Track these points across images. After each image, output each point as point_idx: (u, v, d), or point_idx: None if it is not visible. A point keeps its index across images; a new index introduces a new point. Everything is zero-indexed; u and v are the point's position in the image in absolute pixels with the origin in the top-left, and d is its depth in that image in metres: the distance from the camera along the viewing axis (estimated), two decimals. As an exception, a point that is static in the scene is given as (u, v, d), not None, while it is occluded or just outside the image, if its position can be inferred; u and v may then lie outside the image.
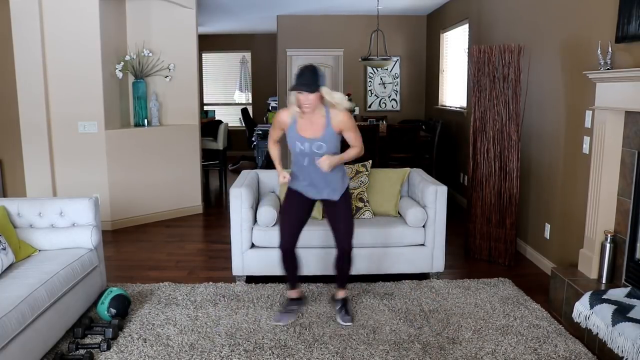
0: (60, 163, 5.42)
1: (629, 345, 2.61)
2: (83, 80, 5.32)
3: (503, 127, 4.46)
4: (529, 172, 4.69)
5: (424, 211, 3.99)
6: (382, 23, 7.80)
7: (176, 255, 4.80)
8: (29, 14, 5.14)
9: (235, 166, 10.00)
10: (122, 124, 5.88)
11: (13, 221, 3.48)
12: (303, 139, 3.08)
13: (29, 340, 2.68)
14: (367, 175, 4.27)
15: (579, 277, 3.50)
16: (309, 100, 2.92)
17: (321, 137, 3.05)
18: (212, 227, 5.83)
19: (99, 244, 3.62)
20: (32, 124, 5.30)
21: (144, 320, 3.39)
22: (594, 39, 3.55)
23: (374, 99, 9.08)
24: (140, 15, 5.95)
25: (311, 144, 3.06)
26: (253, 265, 4.00)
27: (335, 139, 3.07)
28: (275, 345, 3.10)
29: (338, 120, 3.03)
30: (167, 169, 5.94)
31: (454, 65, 7.40)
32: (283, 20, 8.84)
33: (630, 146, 3.26)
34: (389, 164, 6.56)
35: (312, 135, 3.06)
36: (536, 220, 4.58)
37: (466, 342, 3.13)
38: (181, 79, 6.09)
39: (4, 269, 2.98)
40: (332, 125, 3.03)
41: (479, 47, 4.52)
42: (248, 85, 11.82)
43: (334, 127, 3.03)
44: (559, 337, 3.18)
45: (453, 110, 7.15)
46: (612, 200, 3.41)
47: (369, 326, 3.33)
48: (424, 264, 4.06)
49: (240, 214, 3.93)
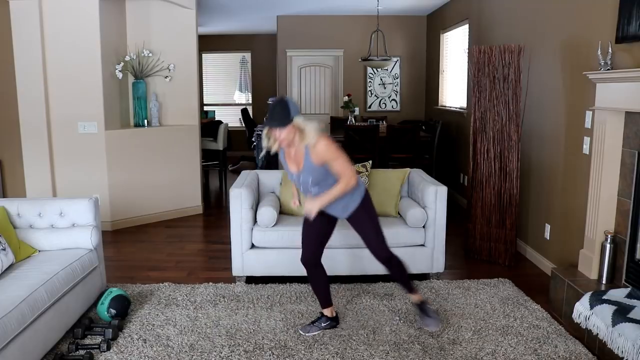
0: (60, 163, 5.42)
1: (629, 346, 2.61)
2: (83, 81, 5.32)
3: (503, 127, 4.46)
4: (529, 173, 4.69)
5: (424, 212, 3.98)
6: (382, 23, 7.80)
7: (176, 256, 4.80)
8: (29, 14, 5.14)
9: (235, 166, 10.00)
10: (122, 124, 5.88)
11: (13, 221, 3.47)
12: (291, 173, 3.03)
13: (29, 340, 2.67)
14: (367, 175, 4.27)
15: (579, 277, 3.50)
16: (283, 136, 2.83)
17: (304, 169, 2.95)
18: (212, 228, 5.83)
19: (99, 245, 3.62)
20: (32, 124, 5.30)
21: (144, 321, 3.39)
22: (594, 40, 3.55)
23: (374, 99, 9.08)
24: (140, 16, 5.95)
25: (298, 176, 3.00)
26: (253, 266, 4.00)
27: (318, 171, 2.92)
28: (275, 345, 3.09)
29: (316, 153, 2.87)
30: (167, 169, 5.94)
31: (454, 65, 7.40)
32: (283, 20, 8.84)
33: (631, 146, 3.26)
34: (389, 164, 6.56)
35: (296, 167, 2.99)
36: (536, 221, 4.58)
37: (466, 342, 3.13)
38: (181, 79, 6.09)
39: (4, 270, 2.98)
40: (311, 158, 2.89)
41: (479, 48, 4.52)
42: (248, 85, 11.82)
43: (313, 159, 2.89)
44: (559, 337, 3.18)
45: (453, 110, 7.15)
46: (612, 200, 3.41)
47: (369, 326, 3.33)
48: (424, 265, 4.06)
49: (240, 214, 3.93)
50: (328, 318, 3.31)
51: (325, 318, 3.30)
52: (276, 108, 2.81)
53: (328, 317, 3.31)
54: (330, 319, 3.31)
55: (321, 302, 3.32)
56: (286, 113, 2.79)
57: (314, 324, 3.29)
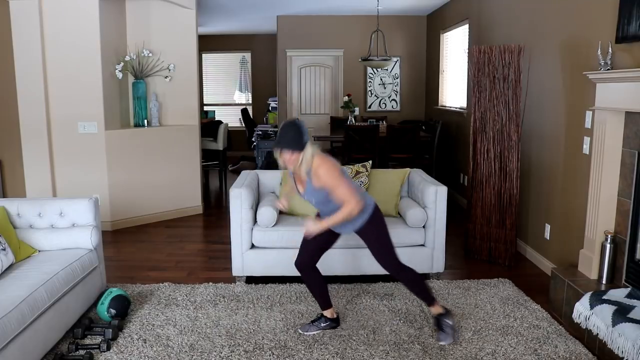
0: (60, 163, 5.42)
1: (629, 346, 2.61)
2: (83, 81, 5.32)
3: (503, 127, 4.46)
4: (529, 173, 4.69)
5: (424, 212, 3.98)
6: (382, 23, 7.80)
7: (176, 256, 4.80)
8: (29, 14, 5.14)
9: (235, 166, 10.00)
10: (122, 124, 5.88)
11: (13, 221, 3.47)
12: (299, 192, 3.08)
13: (29, 340, 2.67)
14: (367, 175, 4.27)
15: (579, 277, 3.50)
16: (291, 161, 2.86)
17: (306, 192, 2.99)
18: (212, 228, 5.83)
19: (98, 245, 3.62)
20: (32, 124, 5.30)
21: (144, 321, 3.39)
22: (594, 39, 3.55)
23: (374, 99, 9.08)
24: (140, 16, 5.94)
25: (303, 196, 3.06)
26: (253, 266, 4.00)
27: (320, 193, 2.93)
28: (275, 345, 3.09)
29: (316, 178, 2.89)
30: (167, 169, 5.94)
31: (454, 65, 7.40)
32: (283, 20, 8.84)
33: (631, 146, 3.26)
34: (389, 164, 6.56)
35: (302, 189, 3.03)
36: (536, 221, 4.58)
37: (466, 342, 3.13)
38: (181, 79, 6.09)
39: (4, 270, 2.98)
40: (312, 182, 2.91)
41: (479, 48, 4.51)
42: (248, 85, 11.82)
43: (314, 184, 2.91)
44: (559, 337, 3.18)
45: (453, 110, 7.15)
46: (612, 200, 3.41)
47: (369, 327, 3.33)
48: (424, 265, 4.06)
49: (240, 214, 3.93)
50: (328, 319, 3.31)
51: (325, 319, 3.30)
52: (290, 131, 2.83)
53: (328, 318, 3.31)
54: (330, 319, 3.31)
55: (320, 304, 3.32)
56: (299, 138, 2.81)
57: (314, 323, 3.30)
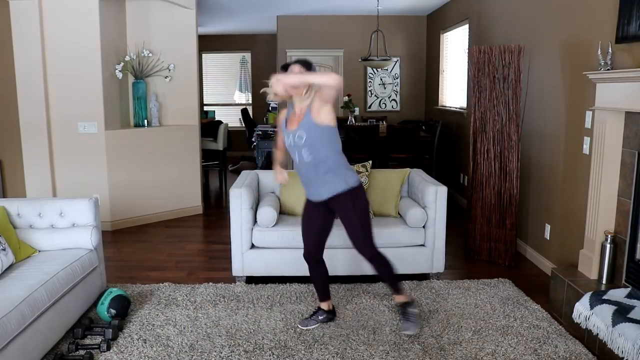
0: (60, 163, 5.42)
1: (629, 346, 2.61)
2: (83, 81, 5.32)
3: (503, 127, 4.46)
4: (529, 173, 4.69)
5: (424, 212, 3.98)
6: (382, 23, 7.81)
7: (176, 256, 4.80)
8: (29, 14, 5.14)
9: (235, 167, 10.00)
10: (122, 124, 5.88)
11: (13, 221, 3.47)
12: (288, 132, 3.06)
13: (29, 340, 2.67)
14: (367, 175, 4.27)
15: (579, 277, 3.50)
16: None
17: (301, 126, 2.98)
18: (212, 228, 5.82)
19: (98, 245, 3.62)
20: (32, 124, 5.30)
21: (144, 321, 3.39)
22: (594, 39, 3.55)
23: (374, 99, 9.08)
24: (140, 16, 5.94)
25: (294, 135, 3.01)
26: (253, 266, 4.00)
27: (316, 129, 2.95)
28: (275, 345, 3.09)
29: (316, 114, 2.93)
30: (167, 169, 5.94)
31: (454, 65, 7.40)
32: (283, 20, 8.84)
33: (631, 146, 3.26)
34: (389, 164, 6.56)
35: (295, 126, 3.02)
36: (536, 221, 4.58)
37: (466, 342, 3.13)
38: (181, 79, 6.09)
39: (4, 270, 2.98)
40: (311, 114, 2.94)
41: (479, 48, 4.51)
42: (248, 85, 11.82)
43: (313, 114, 2.94)
44: (559, 337, 3.18)
45: (453, 110, 7.15)
46: (612, 200, 3.41)
47: (369, 327, 3.33)
48: (424, 265, 4.06)
49: (240, 214, 3.93)
50: (325, 311, 3.38)
51: (322, 311, 3.38)
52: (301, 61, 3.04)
53: (324, 310, 3.38)
54: (326, 312, 3.38)
55: (319, 295, 3.40)
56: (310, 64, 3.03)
57: (312, 317, 3.36)
